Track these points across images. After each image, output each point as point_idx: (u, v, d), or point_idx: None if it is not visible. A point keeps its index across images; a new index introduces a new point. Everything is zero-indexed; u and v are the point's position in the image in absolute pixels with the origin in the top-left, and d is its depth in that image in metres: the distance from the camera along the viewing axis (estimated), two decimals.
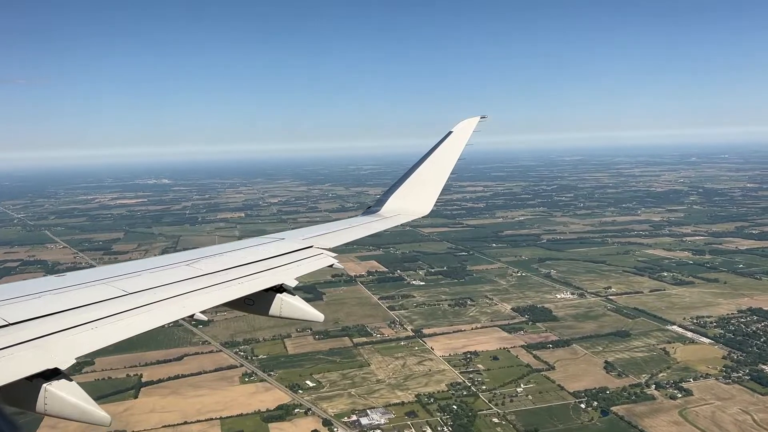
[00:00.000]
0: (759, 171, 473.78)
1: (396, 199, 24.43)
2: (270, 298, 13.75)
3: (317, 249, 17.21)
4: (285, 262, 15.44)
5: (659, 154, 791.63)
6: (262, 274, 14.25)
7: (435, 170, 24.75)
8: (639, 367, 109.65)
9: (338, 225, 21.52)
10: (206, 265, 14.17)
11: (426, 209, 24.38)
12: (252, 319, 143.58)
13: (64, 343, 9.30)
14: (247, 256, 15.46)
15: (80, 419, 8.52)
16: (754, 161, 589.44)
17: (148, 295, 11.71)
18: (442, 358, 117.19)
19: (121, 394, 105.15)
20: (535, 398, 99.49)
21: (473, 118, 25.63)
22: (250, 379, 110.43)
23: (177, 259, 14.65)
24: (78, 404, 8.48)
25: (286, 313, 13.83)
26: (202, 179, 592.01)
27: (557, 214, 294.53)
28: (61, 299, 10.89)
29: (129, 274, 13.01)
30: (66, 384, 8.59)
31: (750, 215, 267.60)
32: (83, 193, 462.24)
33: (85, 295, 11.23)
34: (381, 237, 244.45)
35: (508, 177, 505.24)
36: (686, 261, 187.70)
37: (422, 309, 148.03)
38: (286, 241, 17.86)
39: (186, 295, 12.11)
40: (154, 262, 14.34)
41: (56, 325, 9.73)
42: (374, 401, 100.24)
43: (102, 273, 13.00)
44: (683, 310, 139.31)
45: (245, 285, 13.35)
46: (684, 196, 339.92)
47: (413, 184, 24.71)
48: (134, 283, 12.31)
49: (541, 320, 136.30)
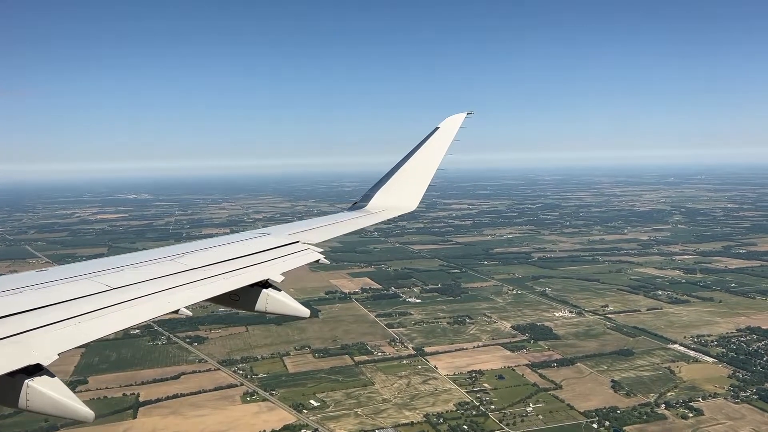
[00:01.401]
0: (736, 192, 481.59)
1: (382, 195, 24.43)
2: (256, 293, 13.66)
3: (303, 244, 17.10)
4: (271, 258, 15.34)
5: (637, 174, 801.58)
6: (248, 269, 14.10)
7: (421, 166, 24.63)
8: (646, 386, 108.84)
9: (324, 220, 21.39)
10: (191, 260, 13.96)
11: (412, 205, 24.28)
12: (248, 337, 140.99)
13: (47, 339, 9.09)
14: (233, 251, 15.30)
15: (63, 415, 8.46)
16: (730, 182, 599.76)
17: (132, 291, 11.47)
18: (446, 376, 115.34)
19: (119, 414, 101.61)
20: (546, 418, 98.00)
21: (460, 114, 25.41)
22: (252, 399, 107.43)
23: (161, 254, 14.42)
24: (60, 400, 8.38)
25: (272, 309, 13.71)
26: (183, 195, 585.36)
27: (545, 232, 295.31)
28: (43, 294, 10.61)
29: (112, 269, 12.69)
30: (48, 380, 8.46)
31: (734, 235, 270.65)
32: (62, 208, 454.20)
33: (67, 291, 10.94)
34: (372, 254, 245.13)
35: (492, 195, 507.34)
36: (679, 279, 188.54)
37: (421, 327, 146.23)
38: (271, 236, 17.66)
39: (171, 291, 11.89)
40: (138, 258, 14.05)
41: (38, 321, 9.47)
42: (382, 421, 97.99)
43: (85, 268, 12.65)
44: (683, 329, 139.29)
45: (230, 280, 13.21)
46: (667, 216, 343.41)
47: (400, 180, 24.67)
48: (118, 278, 12.05)
49: (543, 339, 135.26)
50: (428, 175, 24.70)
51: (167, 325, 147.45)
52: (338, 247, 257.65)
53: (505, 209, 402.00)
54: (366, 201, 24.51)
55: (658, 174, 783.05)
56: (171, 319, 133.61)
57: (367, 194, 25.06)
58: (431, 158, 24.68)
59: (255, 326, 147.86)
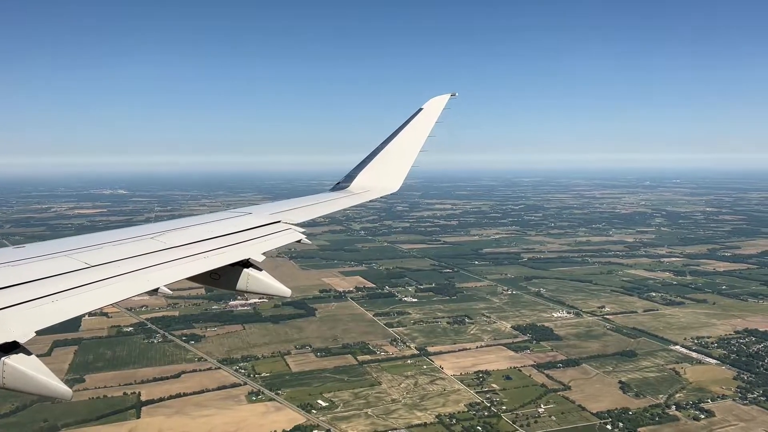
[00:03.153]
0: (713, 196, 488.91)
1: (365, 175, 24.27)
2: (236, 272, 13.53)
3: (285, 224, 16.91)
4: (252, 237, 15.20)
5: (613, 177, 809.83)
6: (229, 248, 13.90)
7: (405, 147, 24.47)
8: (654, 388, 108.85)
9: (306, 200, 21.17)
10: (171, 239, 13.73)
11: (395, 186, 24.14)
12: (246, 335, 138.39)
13: (23, 317, 8.87)
14: (214, 230, 15.10)
15: (41, 393, 8.33)
16: (705, 186, 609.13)
17: (112, 268, 11.22)
18: (453, 377, 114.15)
19: (122, 414, 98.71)
20: (559, 419, 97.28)
21: (443, 96, 25.10)
22: (258, 398, 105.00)
23: (141, 232, 14.21)
24: (38, 378, 8.24)
25: (253, 288, 13.65)
26: (160, 191, 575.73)
27: (531, 233, 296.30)
28: (19, 272, 10.33)
29: (91, 247, 12.41)
30: (25, 358, 8.29)
31: (717, 238, 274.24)
32: (36, 202, 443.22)
33: (45, 268, 10.68)
34: (361, 252, 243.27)
35: (473, 196, 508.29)
36: (670, 282, 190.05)
37: (421, 326, 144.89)
38: (253, 215, 17.47)
39: (150, 269, 11.66)
40: (117, 235, 13.83)
41: (14, 298, 9.22)
42: (394, 422, 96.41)
43: (63, 245, 12.37)
44: (681, 331, 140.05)
45: (211, 259, 13.03)
46: (649, 218, 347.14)
47: (383, 161, 24.53)
48: (97, 255, 11.77)
49: (545, 339, 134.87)
50: (411, 157, 24.43)
51: (161, 322, 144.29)
52: (326, 245, 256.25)
53: (489, 210, 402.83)
54: (349, 181, 24.16)
55: (633, 177, 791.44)
56: (165, 316, 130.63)
57: (350, 174, 24.70)
58: (414, 139, 24.45)
59: (252, 324, 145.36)
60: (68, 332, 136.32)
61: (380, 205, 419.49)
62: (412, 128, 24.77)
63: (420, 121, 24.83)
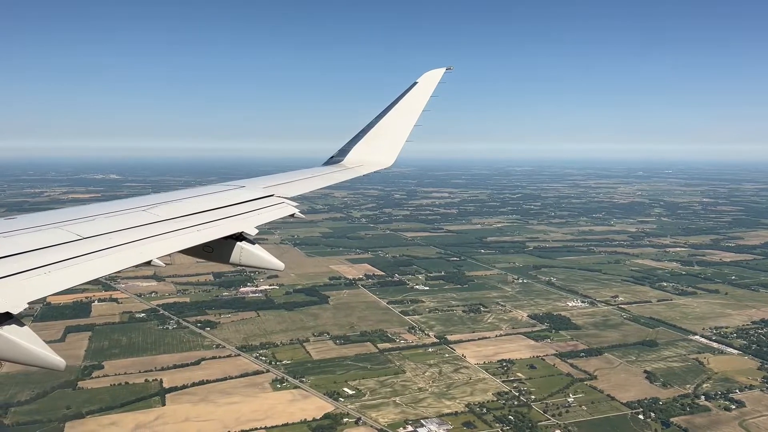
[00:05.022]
0: (707, 187, 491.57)
1: (359, 150, 23.94)
2: (230, 246, 13.47)
3: (278, 198, 16.93)
4: (245, 210, 15.13)
5: (605, 167, 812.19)
6: (222, 221, 13.85)
7: (399, 121, 24.09)
8: (680, 378, 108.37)
9: (300, 174, 21.02)
10: (164, 211, 13.60)
11: (389, 161, 23.91)
12: (261, 322, 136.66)
13: (16, 288, 8.72)
14: (207, 203, 14.98)
15: (34, 363, 8.20)
16: (698, 177, 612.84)
17: (104, 240, 11.06)
18: (477, 366, 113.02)
19: (146, 401, 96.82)
20: (589, 409, 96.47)
21: (439, 70, 24.67)
22: (282, 386, 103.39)
23: (133, 205, 14.01)
24: (31, 348, 8.09)
25: (246, 261, 13.59)
26: (153, 176, 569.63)
27: (532, 222, 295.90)
28: (11, 243, 10.11)
29: (83, 219, 12.26)
30: (18, 329, 8.15)
31: (719, 229, 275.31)
32: (29, 186, 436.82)
33: (37, 239, 10.48)
34: (365, 240, 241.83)
35: (469, 184, 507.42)
36: (678, 272, 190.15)
37: (436, 315, 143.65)
38: (246, 189, 17.33)
39: (143, 241, 11.54)
40: (110, 207, 13.58)
41: (6, 269, 9.05)
42: (424, 411, 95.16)
43: (55, 217, 12.22)
44: (699, 321, 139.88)
45: (204, 232, 12.91)
46: (648, 209, 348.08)
47: (377, 135, 24.18)
48: (89, 227, 11.63)
49: (563, 328, 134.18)
50: (406, 131, 24.02)
51: (173, 309, 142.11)
52: (329, 232, 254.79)
53: (487, 198, 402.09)
54: (342, 155, 23.79)
55: (624, 167, 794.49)
56: (176, 303, 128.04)
57: (343, 148, 24.28)
58: (409, 114, 24.01)
59: (266, 311, 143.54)
60: (80, 318, 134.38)
61: (378, 193, 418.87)
62: (407, 102, 24.27)
63: (415, 95, 24.31)
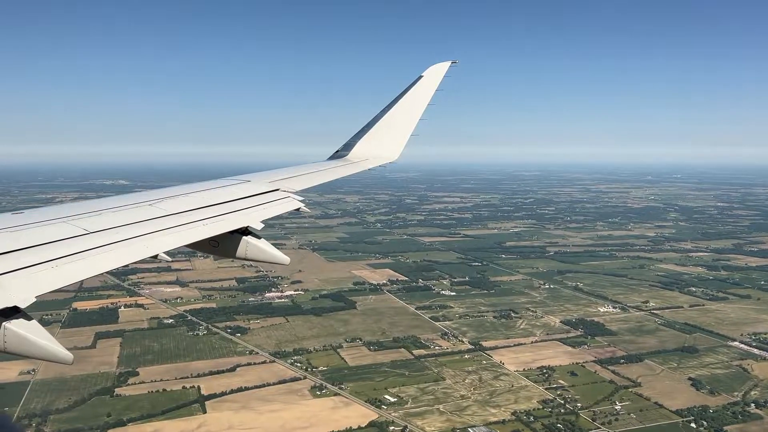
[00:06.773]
0: (719, 191, 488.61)
1: (364, 144, 23.83)
2: (235, 240, 13.57)
3: (283, 192, 16.97)
4: (250, 205, 15.20)
5: (612, 171, 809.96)
6: (227, 216, 13.86)
7: (405, 115, 24.02)
8: (726, 385, 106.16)
9: (305, 168, 21.08)
10: (170, 206, 13.60)
11: (394, 155, 23.75)
12: (291, 328, 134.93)
13: (23, 282, 8.63)
14: (212, 197, 14.99)
15: (43, 357, 8.18)
16: (707, 181, 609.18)
17: (111, 235, 11.07)
18: (517, 373, 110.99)
19: (186, 408, 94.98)
20: (639, 417, 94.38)
21: (444, 63, 24.58)
22: (322, 393, 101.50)
23: (139, 199, 14.04)
24: (39, 342, 8.08)
25: (252, 256, 13.69)
26: (162, 182, 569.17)
27: (549, 227, 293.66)
28: (18, 237, 10.08)
29: (90, 213, 12.22)
30: (26, 323, 8.13)
31: (738, 233, 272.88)
32: (40, 192, 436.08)
33: (44, 234, 10.44)
34: (383, 245, 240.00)
35: (480, 189, 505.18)
36: (705, 276, 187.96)
37: (468, 321, 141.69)
38: (251, 183, 17.38)
39: (149, 236, 11.51)
40: (116, 202, 13.57)
41: (14, 264, 8.94)
42: (470, 419, 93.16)
43: (61, 211, 12.07)
44: (735, 326, 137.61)
45: (210, 226, 12.96)
46: (663, 213, 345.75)
47: (382, 129, 24.06)
48: (95, 222, 11.61)
49: (598, 334, 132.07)
50: (411, 125, 23.92)
51: (201, 314, 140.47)
52: (346, 237, 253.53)
53: (499, 203, 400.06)
54: (347, 150, 23.62)
55: (632, 172, 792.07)
56: (204, 308, 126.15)
57: (348, 143, 24.11)
58: (415, 108, 23.90)
59: (294, 317, 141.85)
60: (108, 324, 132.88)
61: (389, 198, 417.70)
62: (412, 96, 24.10)
63: (420, 89, 24.15)
